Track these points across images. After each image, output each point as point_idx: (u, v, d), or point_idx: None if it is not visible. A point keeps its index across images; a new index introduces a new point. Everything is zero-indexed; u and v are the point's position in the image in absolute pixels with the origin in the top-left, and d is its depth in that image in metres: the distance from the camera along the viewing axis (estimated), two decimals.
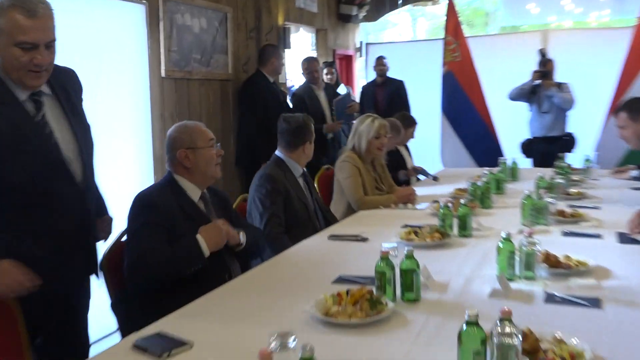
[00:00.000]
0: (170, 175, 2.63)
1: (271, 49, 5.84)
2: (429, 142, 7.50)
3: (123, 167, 4.28)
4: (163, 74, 4.74)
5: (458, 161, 7.04)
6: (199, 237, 2.43)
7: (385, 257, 2.10)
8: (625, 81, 6.55)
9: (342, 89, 6.89)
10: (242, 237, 2.65)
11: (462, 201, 3.07)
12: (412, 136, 5.69)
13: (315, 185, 4.75)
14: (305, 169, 3.60)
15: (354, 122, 4.28)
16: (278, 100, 5.75)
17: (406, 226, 3.26)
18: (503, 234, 2.32)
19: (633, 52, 6.53)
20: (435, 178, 5.06)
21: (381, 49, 8.87)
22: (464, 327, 1.48)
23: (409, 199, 4.03)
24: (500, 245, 2.30)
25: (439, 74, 7.18)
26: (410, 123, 5.64)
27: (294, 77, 9.74)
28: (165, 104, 4.80)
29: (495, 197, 4.01)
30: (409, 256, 2.11)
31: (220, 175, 2.71)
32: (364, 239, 3.03)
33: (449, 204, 3.10)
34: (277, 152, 3.55)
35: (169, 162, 2.64)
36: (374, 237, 3.05)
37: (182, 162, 2.59)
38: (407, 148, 5.76)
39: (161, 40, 4.72)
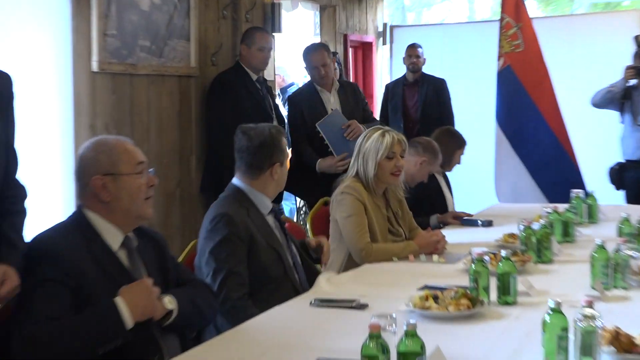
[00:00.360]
0: (80, 213, 2.63)
1: (252, 32, 5.87)
2: (479, 166, 7.49)
3: (33, 198, 4.28)
4: (95, 67, 4.77)
5: (520, 194, 7.02)
6: (118, 301, 2.42)
7: (376, 334, 2.06)
8: None
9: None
10: (171, 303, 2.63)
11: (503, 253, 3.05)
12: (458, 162, 5.66)
13: (308, 226, 4.75)
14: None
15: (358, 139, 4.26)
16: (261, 106, 5.78)
17: (425, 288, 3.24)
18: (551, 303, 2.28)
19: None
20: (488, 223, 5.01)
21: (413, 33, 8.95)
22: None
23: (436, 248, 4.03)
24: (547, 319, 2.27)
25: (495, 70, 7.19)
26: (457, 144, 5.61)
27: (292, 72, 9.83)
28: (97, 109, 4.82)
29: (560, 246, 4.01)
30: (411, 333, 2.08)
31: (152, 214, 2.72)
32: (362, 306, 3.00)
33: (485, 257, 3.07)
34: (234, 181, 3.54)
35: (80, 194, 2.66)
36: (378, 303, 3.02)
37: (97, 194, 2.60)
38: (446, 178, 5.74)
39: (93, 20, 4.74)
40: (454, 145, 5.59)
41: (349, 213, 4.00)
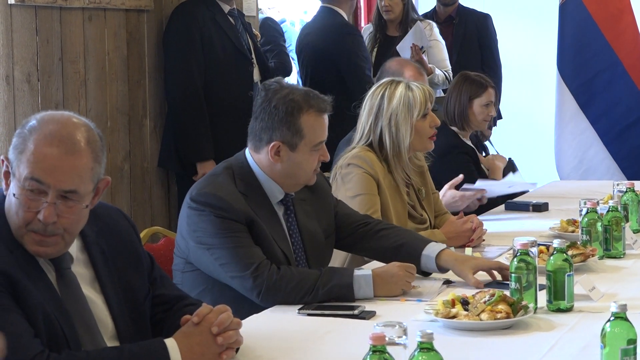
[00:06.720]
0: None
1: None
2: (534, 132, 7.50)
3: None
4: None
5: (588, 169, 7.01)
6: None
7: (379, 347, 2.09)
8: None
9: None
10: None
11: (555, 245, 3.07)
12: (484, 118, 5.58)
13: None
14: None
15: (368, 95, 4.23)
16: (238, 51, 5.84)
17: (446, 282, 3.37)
18: (614, 307, 2.31)
19: None
20: (541, 207, 5.04)
21: None
22: None
23: (470, 240, 4.06)
24: (608, 328, 2.30)
25: (556, 1, 7.17)
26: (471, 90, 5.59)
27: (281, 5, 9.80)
28: (15, 54, 4.79)
29: (636, 236, 4.03)
30: (426, 346, 2.12)
31: None
32: (367, 314, 3.03)
33: (532, 249, 3.07)
34: (247, 152, 3.49)
35: None
36: (389, 311, 3.06)
37: None
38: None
39: None
40: (465, 93, 5.53)
41: (356, 192, 4.01)
